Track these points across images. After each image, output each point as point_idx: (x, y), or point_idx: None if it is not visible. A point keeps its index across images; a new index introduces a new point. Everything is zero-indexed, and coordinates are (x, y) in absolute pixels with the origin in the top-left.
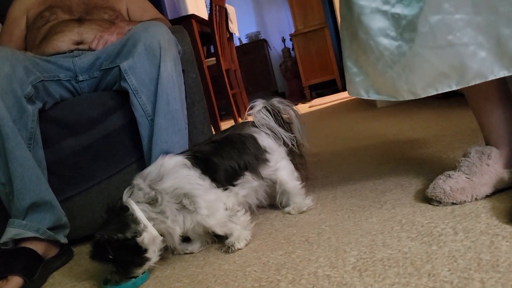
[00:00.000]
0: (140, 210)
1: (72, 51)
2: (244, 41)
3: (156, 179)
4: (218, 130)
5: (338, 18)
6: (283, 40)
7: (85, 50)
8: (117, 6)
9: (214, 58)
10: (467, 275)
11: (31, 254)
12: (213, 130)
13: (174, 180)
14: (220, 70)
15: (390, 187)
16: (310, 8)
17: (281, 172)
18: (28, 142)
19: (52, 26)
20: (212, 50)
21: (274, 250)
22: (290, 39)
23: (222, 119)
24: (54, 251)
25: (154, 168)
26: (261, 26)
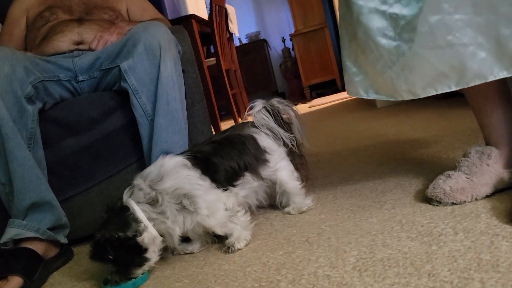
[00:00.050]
0: (140, 210)
1: (72, 51)
2: (244, 41)
3: (156, 179)
4: (218, 130)
5: (338, 18)
6: (283, 40)
7: (85, 50)
8: (117, 6)
9: (214, 58)
10: (467, 275)
11: (31, 254)
12: (213, 130)
13: (174, 180)
14: (220, 70)
15: (390, 187)
16: (310, 8)
17: (281, 172)
18: (28, 142)
19: (52, 26)
20: (212, 50)
21: (274, 250)
22: (290, 39)
23: (222, 119)
24: (54, 251)
25: (154, 168)
26: (261, 26)
